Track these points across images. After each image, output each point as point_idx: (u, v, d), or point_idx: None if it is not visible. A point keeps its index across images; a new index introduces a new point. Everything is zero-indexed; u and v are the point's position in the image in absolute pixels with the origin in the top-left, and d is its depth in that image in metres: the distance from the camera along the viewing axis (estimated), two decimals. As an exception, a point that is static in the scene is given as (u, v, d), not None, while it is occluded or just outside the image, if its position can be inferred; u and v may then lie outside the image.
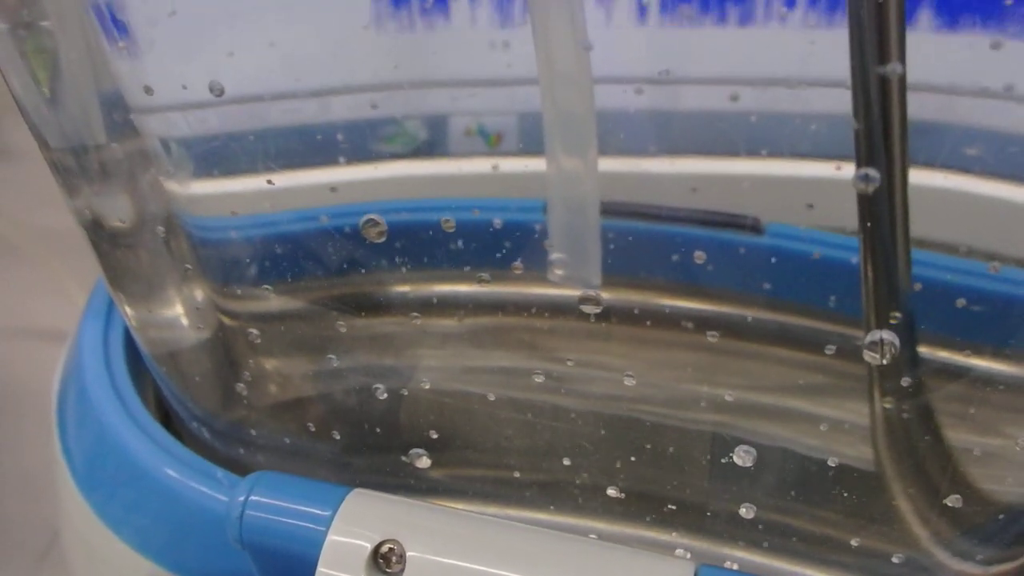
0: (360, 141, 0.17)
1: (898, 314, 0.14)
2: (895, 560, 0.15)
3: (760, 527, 0.15)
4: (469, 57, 0.17)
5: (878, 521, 0.15)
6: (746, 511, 0.14)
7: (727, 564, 0.15)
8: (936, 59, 0.14)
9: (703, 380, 0.16)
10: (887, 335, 0.13)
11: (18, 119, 0.51)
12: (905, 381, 0.13)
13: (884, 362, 0.13)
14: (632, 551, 0.12)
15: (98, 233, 0.16)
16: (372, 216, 0.15)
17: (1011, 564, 0.15)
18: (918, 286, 0.14)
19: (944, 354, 0.14)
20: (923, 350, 0.14)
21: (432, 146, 0.17)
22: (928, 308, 0.14)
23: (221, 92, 0.14)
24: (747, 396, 0.16)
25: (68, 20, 0.15)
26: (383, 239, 0.15)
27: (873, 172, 0.13)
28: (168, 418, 0.18)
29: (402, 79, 0.17)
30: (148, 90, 0.15)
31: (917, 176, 0.14)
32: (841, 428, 0.15)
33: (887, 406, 0.14)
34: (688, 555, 0.16)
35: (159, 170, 0.16)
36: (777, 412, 0.16)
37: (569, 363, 0.16)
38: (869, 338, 0.13)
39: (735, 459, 0.15)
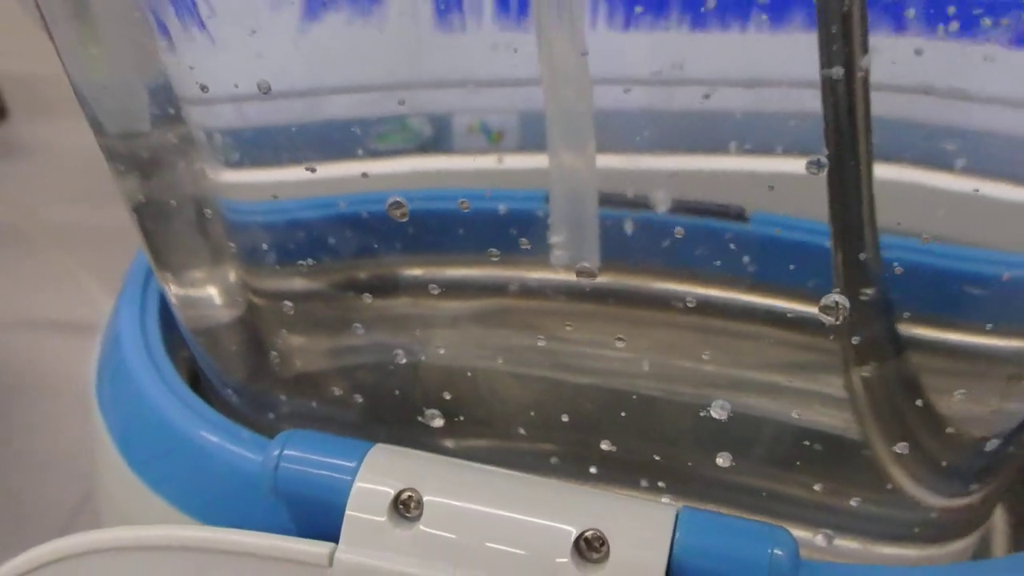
0: (371, 136, 0.18)
1: (868, 290, 0.16)
2: (853, 503, 0.17)
3: (738, 480, 0.17)
4: (474, 59, 0.18)
5: (849, 469, 0.17)
6: (723, 460, 0.16)
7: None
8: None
9: (690, 354, 0.17)
10: (839, 298, 0.14)
11: (34, 117, 0.53)
12: (864, 345, 0.15)
13: (837, 322, 0.14)
14: (621, 497, 0.14)
15: (145, 215, 0.17)
16: (397, 198, 0.16)
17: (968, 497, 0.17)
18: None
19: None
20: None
21: (439, 141, 0.18)
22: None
23: (268, 90, 0.15)
24: (730, 369, 0.17)
25: (119, 14, 0.17)
26: (406, 219, 0.16)
27: (823, 158, 0.14)
28: (197, 385, 0.20)
29: (413, 79, 0.17)
30: (204, 88, 0.16)
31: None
32: (811, 394, 0.16)
33: (864, 374, 0.16)
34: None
35: (201, 157, 0.17)
36: (757, 382, 0.17)
37: (567, 337, 0.18)
38: (824, 301, 0.15)
39: (712, 413, 0.16)
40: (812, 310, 0.15)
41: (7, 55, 0.57)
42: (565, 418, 0.17)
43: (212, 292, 0.18)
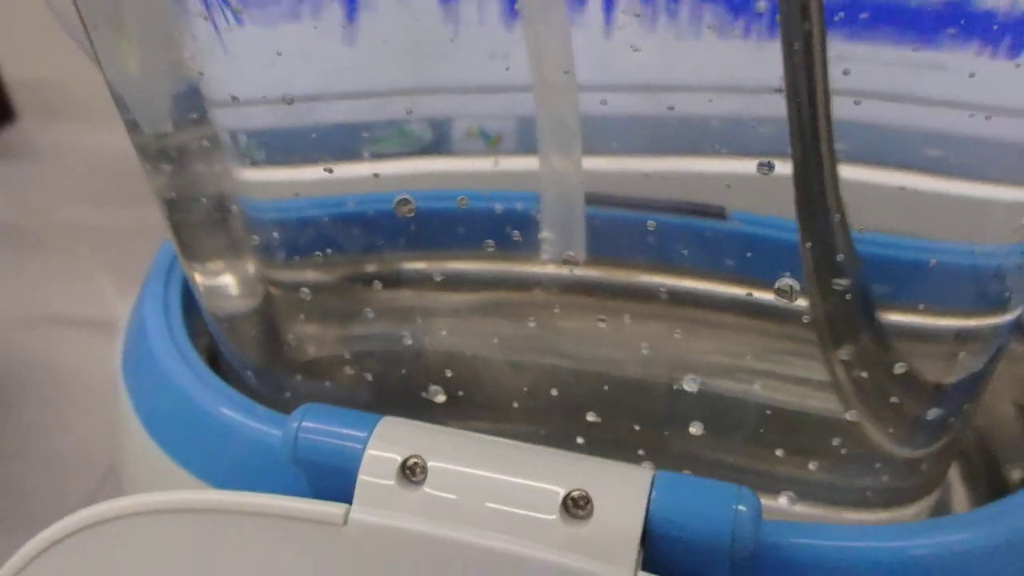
0: (380, 140, 0.19)
1: (840, 280, 0.17)
2: (812, 467, 0.18)
3: (708, 447, 0.18)
4: (472, 67, 0.18)
5: (807, 436, 0.18)
6: (695, 430, 0.17)
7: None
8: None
9: (671, 341, 0.19)
10: (792, 281, 0.16)
11: (41, 120, 0.55)
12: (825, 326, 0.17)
13: (791, 303, 0.16)
14: (604, 462, 0.15)
15: (173, 208, 0.19)
16: (405, 196, 0.17)
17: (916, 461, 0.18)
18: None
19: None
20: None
21: (441, 144, 0.19)
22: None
23: (291, 101, 0.16)
24: (709, 357, 0.18)
25: (152, 23, 0.18)
26: (412, 215, 0.17)
27: (773, 161, 0.15)
28: (216, 366, 0.21)
29: (414, 86, 0.18)
30: (233, 98, 0.17)
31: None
32: (772, 371, 0.18)
33: (823, 352, 0.17)
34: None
35: (224, 157, 0.18)
36: (725, 360, 0.18)
37: (555, 322, 0.19)
38: (778, 284, 0.16)
39: (685, 387, 0.18)
40: (770, 296, 0.17)
41: (15, 60, 0.58)
42: (554, 392, 0.18)
43: (232, 282, 0.20)
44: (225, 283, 0.20)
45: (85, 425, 0.38)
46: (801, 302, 0.16)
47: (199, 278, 0.19)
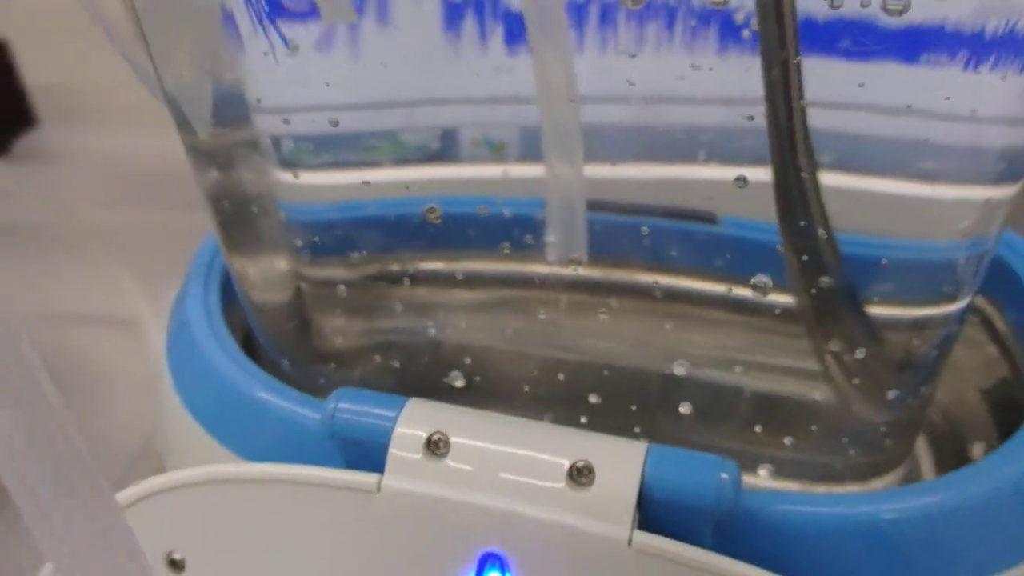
0: (395, 147, 0.20)
1: (824, 278, 0.18)
2: (787, 442, 0.20)
3: (696, 424, 0.20)
4: (478, 81, 0.19)
5: (783, 414, 0.20)
6: (684, 409, 0.19)
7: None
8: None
9: (663, 332, 0.20)
10: (765, 278, 0.18)
11: (62, 125, 0.56)
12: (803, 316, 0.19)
13: (765, 298, 0.18)
14: (604, 436, 0.17)
15: (217, 204, 0.20)
16: (432, 204, 0.19)
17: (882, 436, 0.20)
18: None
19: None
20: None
21: (448, 152, 0.20)
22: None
23: (336, 123, 0.18)
24: (696, 346, 0.20)
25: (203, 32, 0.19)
26: (439, 221, 0.19)
27: (748, 173, 0.17)
28: (252, 354, 0.23)
29: (424, 97, 0.19)
30: (274, 107, 0.19)
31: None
32: (753, 359, 0.20)
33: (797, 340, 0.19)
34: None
35: (267, 160, 0.20)
36: (717, 354, 0.20)
37: (562, 318, 0.21)
38: (753, 281, 0.18)
39: (675, 371, 0.19)
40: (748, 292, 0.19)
41: (37, 68, 0.59)
42: (560, 377, 0.20)
43: (269, 275, 0.22)
44: (263, 276, 0.21)
45: (110, 413, 0.40)
46: (774, 297, 0.18)
47: (239, 270, 0.21)
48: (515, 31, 0.19)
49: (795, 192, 0.18)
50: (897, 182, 0.17)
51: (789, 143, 0.18)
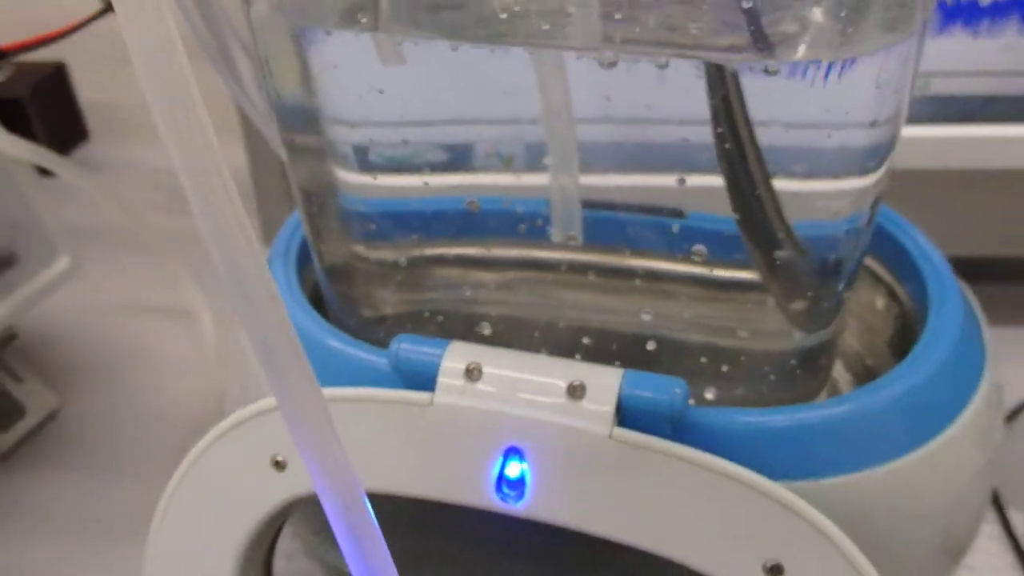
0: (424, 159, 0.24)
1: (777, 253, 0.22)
2: (724, 370, 0.25)
3: (659, 356, 0.25)
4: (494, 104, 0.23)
5: (722, 351, 0.25)
6: (650, 345, 0.25)
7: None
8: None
9: (640, 304, 0.24)
10: (702, 247, 0.22)
11: (111, 140, 0.62)
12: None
13: (711, 272, 0.23)
14: (593, 365, 0.21)
15: (302, 191, 0.25)
16: (473, 199, 0.24)
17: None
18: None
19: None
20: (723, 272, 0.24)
21: (467, 162, 0.23)
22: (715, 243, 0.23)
23: (407, 142, 0.25)
24: (663, 307, 0.24)
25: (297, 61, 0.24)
26: (477, 210, 0.23)
27: (684, 177, 0.22)
28: (323, 313, 0.27)
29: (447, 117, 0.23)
30: (342, 118, 0.23)
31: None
32: (706, 316, 0.25)
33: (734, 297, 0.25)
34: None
35: (336, 161, 0.24)
36: (678, 312, 0.24)
37: (561, 286, 0.24)
38: (693, 249, 0.22)
39: (644, 318, 0.24)
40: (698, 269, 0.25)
41: (89, 86, 0.66)
42: (561, 325, 0.25)
43: (339, 252, 0.26)
44: (334, 253, 0.27)
45: (174, 386, 0.46)
46: (718, 272, 0.24)
47: (316, 247, 0.27)
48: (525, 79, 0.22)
49: (746, 187, 0.22)
50: (793, 181, 0.23)
51: (739, 152, 0.21)
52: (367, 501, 0.17)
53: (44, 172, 0.39)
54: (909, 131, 0.23)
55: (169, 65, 0.12)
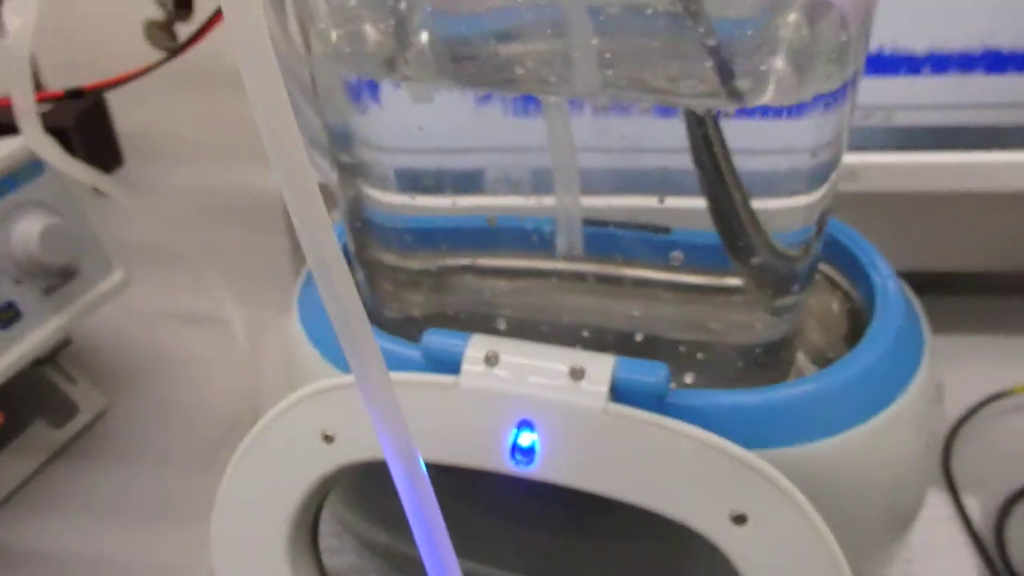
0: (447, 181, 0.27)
1: (753, 259, 0.26)
2: (700, 357, 0.30)
3: (644, 347, 0.29)
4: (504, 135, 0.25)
5: (698, 344, 0.29)
6: (639, 337, 0.30)
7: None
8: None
9: (631, 304, 0.27)
10: (679, 253, 0.26)
11: (145, 164, 0.66)
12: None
13: (679, 266, 0.27)
14: (591, 353, 0.26)
15: (347, 208, 0.29)
16: (492, 216, 0.28)
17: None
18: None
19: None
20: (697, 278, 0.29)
21: (488, 187, 0.26)
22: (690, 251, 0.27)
23: (440, 172, 0.29)
24: (649, 307, 0.27)
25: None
26: (495, 225, 0.28)
27: (666, 198, 0.25)
28: None
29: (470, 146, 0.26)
30: (377, 144, 0.27)
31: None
32: (685, 312, 0.30)
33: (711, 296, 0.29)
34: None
35: (372, 181, 0.27)
36: (662, 311, 0.27)
37: (565, 290, 0.27)
38: (671, 255, 0.26)
39: (634, 312, 0.27)
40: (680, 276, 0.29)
41: (124, 113, 0.70)
42: (565, 321, 0.28)
43: (378, 259, 0.30)
44: (374, 260, 0.29)
45: (209, 388, 0.49)
46: (692, 278, 0.29)
47: (357, 255, 0.31)
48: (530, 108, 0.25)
49: (726, 205, 0.25)
50: (753, 200, 0.28)
51: (718, 174, 0.25)
52: (420, 455, 0.22)
53: (96, 193, 0.43)
54: (870, 158, 0.27)
55: (275, 92, 0.16)
